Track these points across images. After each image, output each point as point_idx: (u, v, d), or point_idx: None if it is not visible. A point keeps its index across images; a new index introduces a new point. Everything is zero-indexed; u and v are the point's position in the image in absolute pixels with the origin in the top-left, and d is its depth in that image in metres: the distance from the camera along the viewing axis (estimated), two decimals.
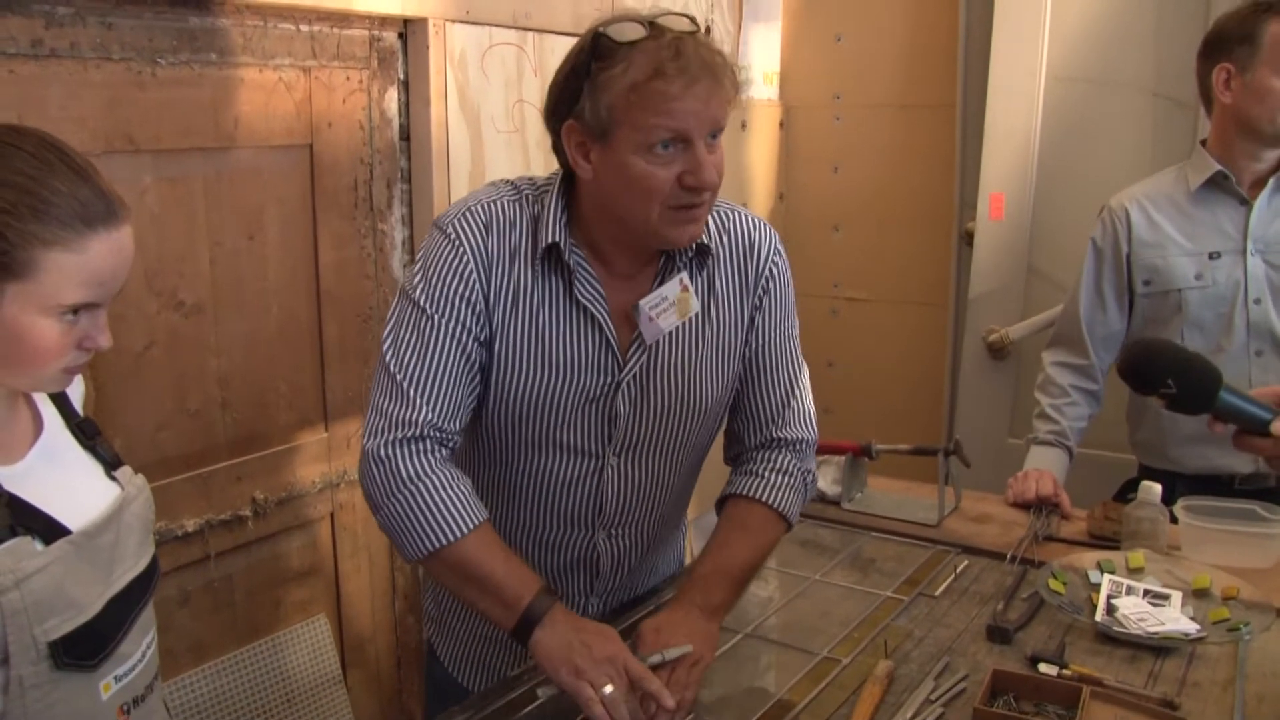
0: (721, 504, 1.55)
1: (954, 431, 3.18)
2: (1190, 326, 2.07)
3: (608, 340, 1.40)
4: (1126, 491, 2.15)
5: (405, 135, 2.36)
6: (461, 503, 1.33)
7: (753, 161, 3.53)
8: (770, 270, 1.50)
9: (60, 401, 1.22)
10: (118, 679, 1.14)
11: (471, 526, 1.33)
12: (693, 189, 1.28)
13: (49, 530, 1.09)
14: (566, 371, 1.39)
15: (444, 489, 1.33)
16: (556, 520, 1.49)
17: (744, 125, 3.44)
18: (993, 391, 3.12)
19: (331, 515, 2.30)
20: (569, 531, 1.50)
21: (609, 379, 1.41)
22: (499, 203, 1.39)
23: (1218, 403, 1.25)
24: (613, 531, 1.51)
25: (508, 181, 1.44)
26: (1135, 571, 1.65)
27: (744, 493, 1.51)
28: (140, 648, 1.18)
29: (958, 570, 1.75)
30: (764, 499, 1.50)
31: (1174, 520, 1.79)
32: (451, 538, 1.32)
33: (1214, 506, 1.79)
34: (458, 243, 1.36)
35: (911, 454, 2.02)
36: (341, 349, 2.28)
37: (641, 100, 1.24)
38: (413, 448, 1.34)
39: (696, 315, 1.44)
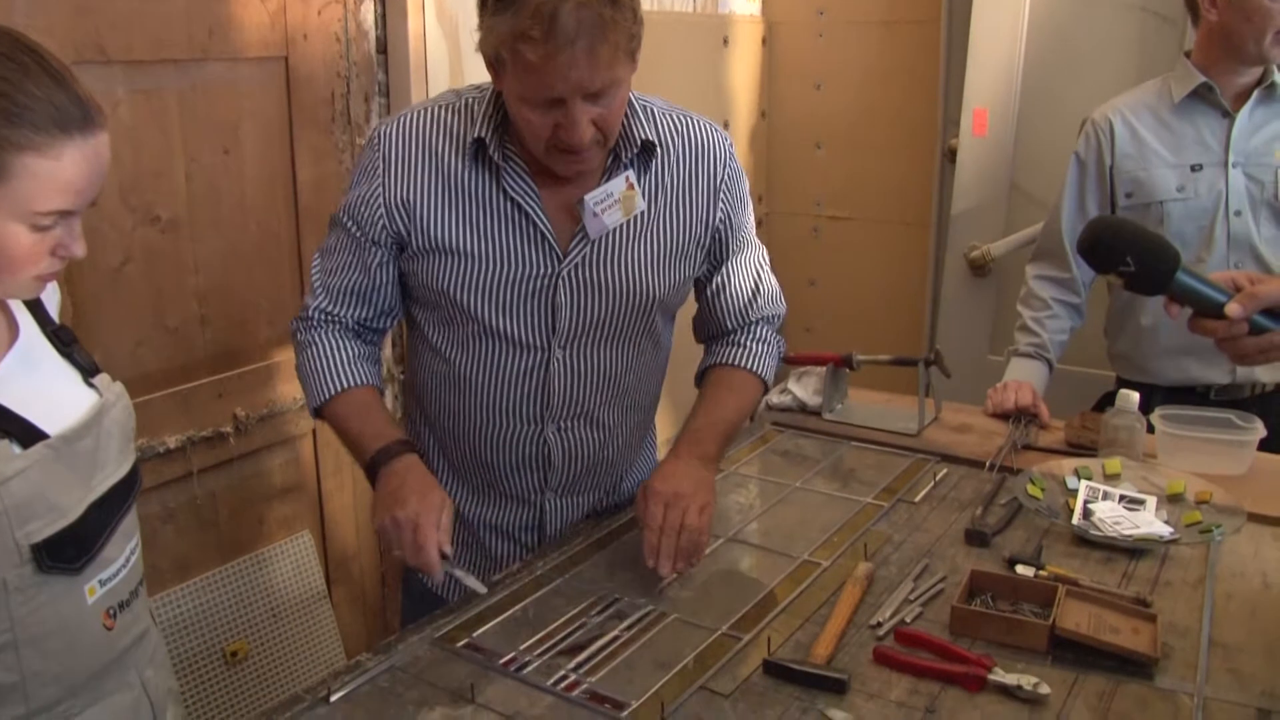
0: (704, 374, 1.64)
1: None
2: (1171, 239, 2.05)
3: (542, 232, 1.44)
4: (1104, 405, 2.16)
5: (382, 48, 2.31)
6: (337, 367, 1.48)
7: (734, 78, 3.48)
8: (727, 174, 1.54)
9: (35, 308, 1.20)
10: (102, 583, 1.14)
11: (342, 388, 1.48)
12: (566, 144, 1.32)
13: (26, 434, 1.08)
14: (499, 262, 1.44)
15: (323, 354, 1.50)
16: (506, 415, 1.54)
17: (726, 41, 3.38)
18: (974, 309, 3.13)
19: (314, 432, 2.30)
20: (518, 426, 1.54)
21: (548, 270, 1.45)
22: (431, 109, 1.46)
23: (1175, 283, 1.25)
24: (562, 425, 1.55)
25: (452, 90, 1.50)
26: (1112, 478, 1.68)
27: (728, 362, 1.61)
28: (124, 553, 1.18)
29: (937, 478, 1.77)
30: (747, 366, 1.61)
31: (1150, 430, 1.81)
32: (324, 396, 1.49)
33: (1190, 415, 1.81)
34: (375, 149, 1.46)
35: (892, 364, 2.02)
36: None
37: (514, 58, 1.27)
38: (315, 330, 1.53)
39: (643, 212, 1.48)
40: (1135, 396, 1.77)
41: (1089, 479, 1.66)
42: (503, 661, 1.25)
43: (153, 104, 1.91)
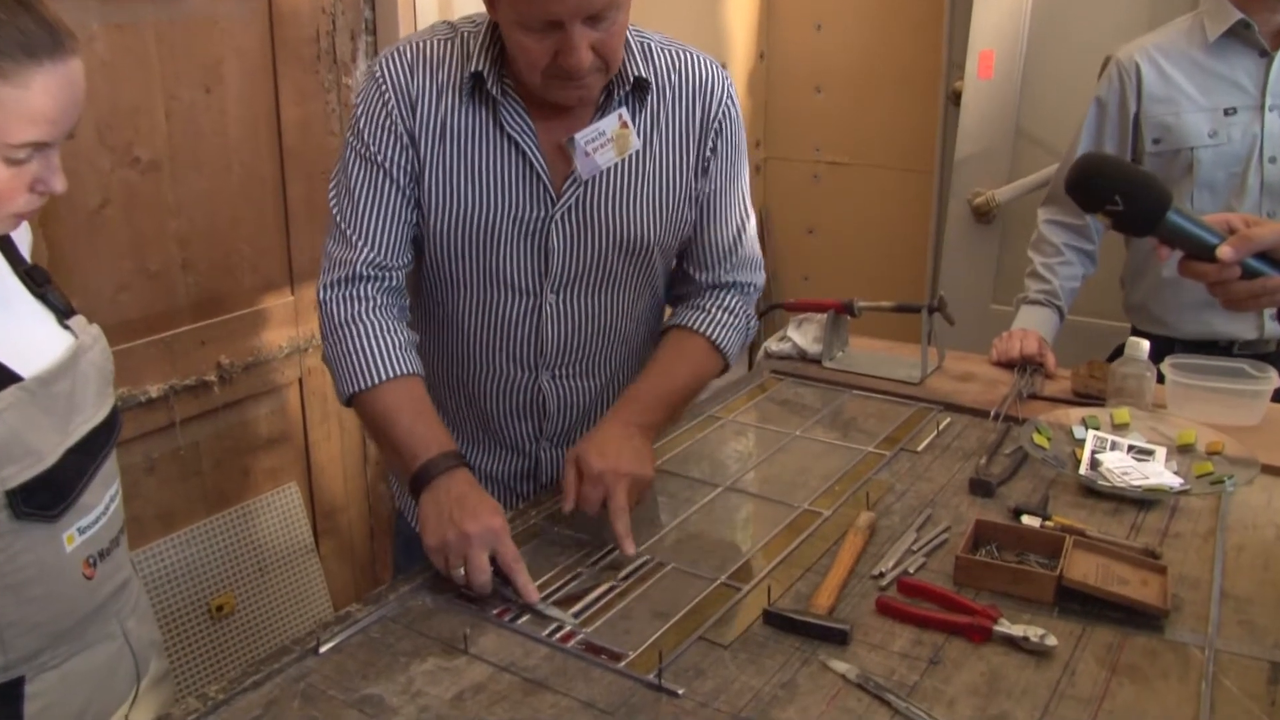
0: (663, 335, 1.56)
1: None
2: (1201, 187, 2.00)
3: (537, 173, 1.39)
4: (1116, 358, 2.12)
5: None
6: (386, 352, 1.36)
7: (731, 19, 3.40)
8: (724, 112, 1.48)
9: (6, 248, 1.16)
10: (81, 530, 1.11)
11: (390, 376, 1.35)
12: (565, 70, 1.27)
13: (0, 377, 1.03)
14: (495, 201, 1.39)
15: (372, 336, 1.37)
16: (500, 362, 1.50)
17: None
18: (977, 256, 3.08)
19: (300, 381, 2.26)
20: (513, 374, 1.50)
21: (541, 212, 1.41)
22: (430, 41, 1.40)
23: (1165, 224, 1.20)
24: (556, 373, 1.51)
25: (446, 22, 1.44)
26: (1120, 428, 1.64)
27: (688, 324, 1.52)
28: (103, 500, 1.15)
29: (940, 427, 1.73)
30: (707, 333, 1.51)
31: (1161, 379, 1.77)
32: (369, 383, 1.35)
33: (1201, 364, 1.77)
34: (381, 82, 1.38)
35: (894, 311, 1.98)
36: (307, 209, 2.20)
37: None
38: (352, 289, 1.39)
39: (638, 152, 1.42)
40: (1145, 345, 1.73)
41: (1097, 429, 1.62)
42: (496, 612, 1.22)
43: (129, 38, 1.84)
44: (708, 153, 1.48)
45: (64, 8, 1.68)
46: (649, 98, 1.42)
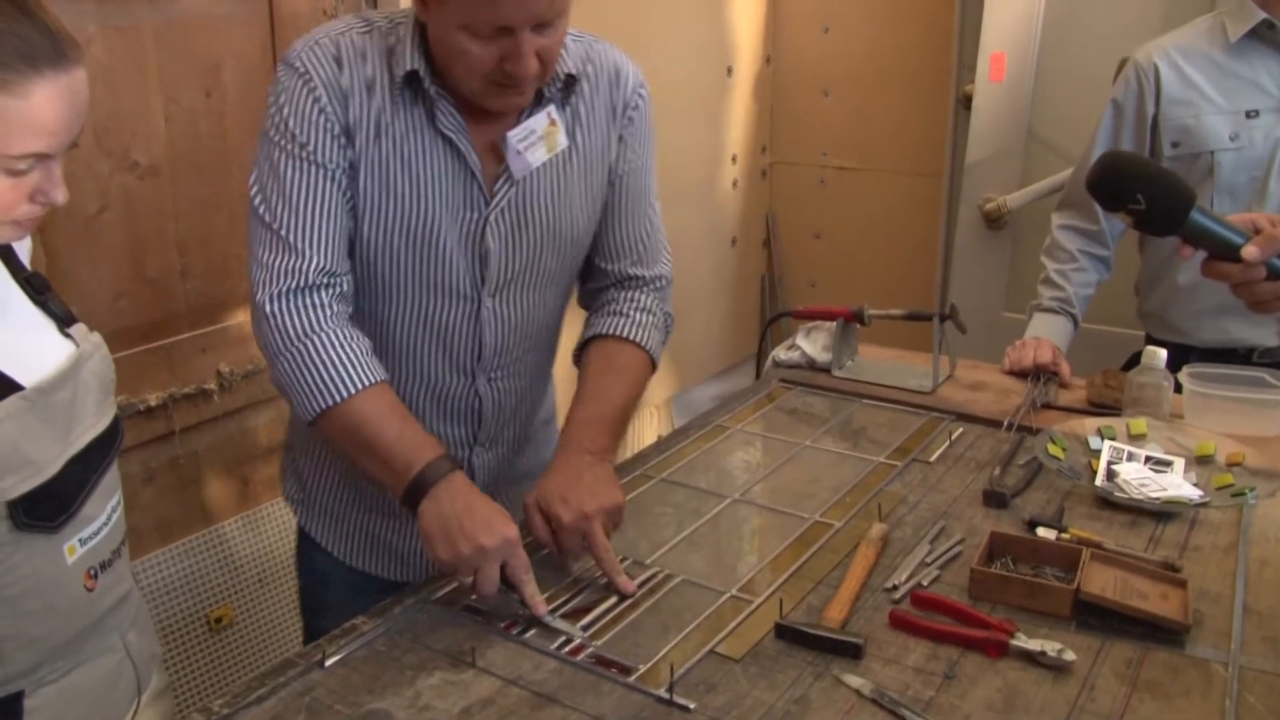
0: (584, 347, 1.51)
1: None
2: (1220, 191, 1.97)
3: (472, 172, 1.35)
4: (1131, 367, 2.09)
5: None
6: (354, 360, 1.28)
7: (737, 22, 3.39)
8: (636, 100, 1.46)
9: (6, 255, 1.15)
10: (82, 542, 1.10)
11: (364, 385, 1.28)
12: (510, 75, 1.24)
13: (0, 386, 1.02)
14: (432, 204, 1.34)
15: (336, 346, 1.28)
16: (439, 370, 1.45)
17: None
18: (988, 263, 3.06)
19: None
20: (451, 381, 1.46)
21: (476, 214, 1.37)
22: (347, 35, 1.32)
23: (1189, 223, 1.18)
24: (492, 376, 1.48)
25: (358, 15, 1.37)
26: (1137, 438, 1.61)
27: (611, 332, 1.48)
28: (105, 511, 1.13)
29: (952, 437, 1.71)
30: (632, 337, 1.47)
31: (1178, 389, 1.74)
32: (342, 395, 1.27)
33: (1220, 373, 1.74)
34: (308, 76, 1.29)
35: (905, 319, 1.95)
36: None
37: None
38: (304, 299, 1.30)
39: (565, 148, 1.40)
40: (1162, 353, 1.70)
41: (1113, 439, 1.60)
42: (504, 625, 1.20)
43: (128, 41, 1.83)
44: (616, 142, 1.46)
45: (63, 8, 1.66)
46: (573, 93, 1.40)
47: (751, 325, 3.76)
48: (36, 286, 1.15)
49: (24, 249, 1.18)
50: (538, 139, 1.35)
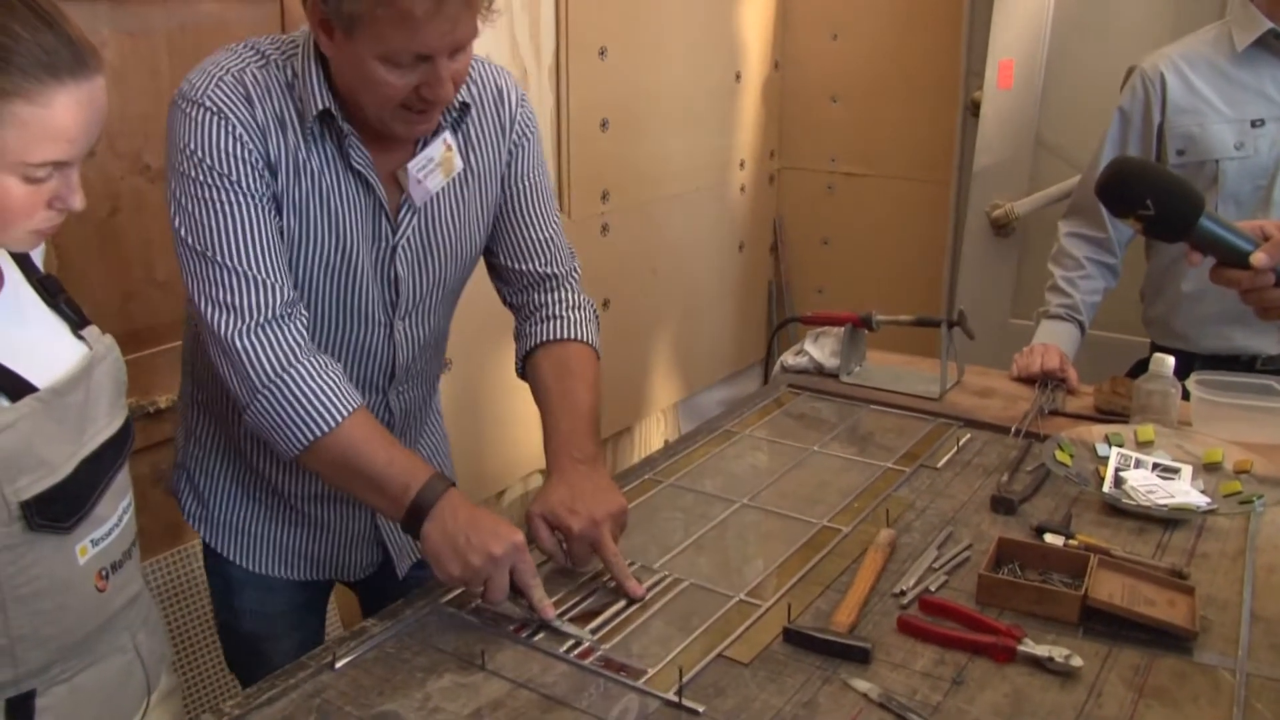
0: (529, 355, 1.52)
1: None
2: (1225, 199, 1.97)
3: (381, 203, 1.36)
4: (1137, 373, 2.09)
5: None
6: (334, 390, 1.28)
7: (746, 27, 3.39)
8: (523, 114, 1.48)
9: (20, 256, 1.15)
10: (94, 543, 1.10)
11: (346, 413, 1.27)
12: (427, 100, 1.24)
13: (14, 387, 1.03)
14: (349, 237, 1.35)
15: (314, 377, 1.27)
16: (359, 389, 1.45)
17: None
18: (995, 270, 3.05)
19: None
20: (368, 397, 1.47)
21: (385, 243, 1.38)
22: (248, 71, 1.29)
23: (1197, 229, 1.18)
24: (400, 389, 1.51)
25: (248, 45, 1.33)
26: (1144, 445, 1.62)
27: (555, 337, 1.50)
28: (116, 512, 1.14)
29: (960, 443, 1.71)
30: (576, 336, 1.50)
31: (1186, 396, 1.74)
32: (328, 427, 1.26)
33: (1227, 381, 1.74)
34: (223, 114, 1.26)
35: (913, 325, 1.96)
36: None
37: (388, 15, 1.16)
38: (274, 333, 1.28)
39: (461, 171, 1.42)
40: (1170, 361, 1.70)
41: (1120, 446, 1.60)
42: (513, 628, 1.21)
43: (140, 45, 1.83)
44: (506, 156, 1.48)
45: (76, 12, 1.67)
46: (467, 116, 1.42)
47: (758, 330, 3.77)
48: (50, 288, 1.15)
49: (37, 251, 1.19)
50: (435, 166, 1.37)
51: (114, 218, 1.85)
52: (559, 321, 1.50)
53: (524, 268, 1.53)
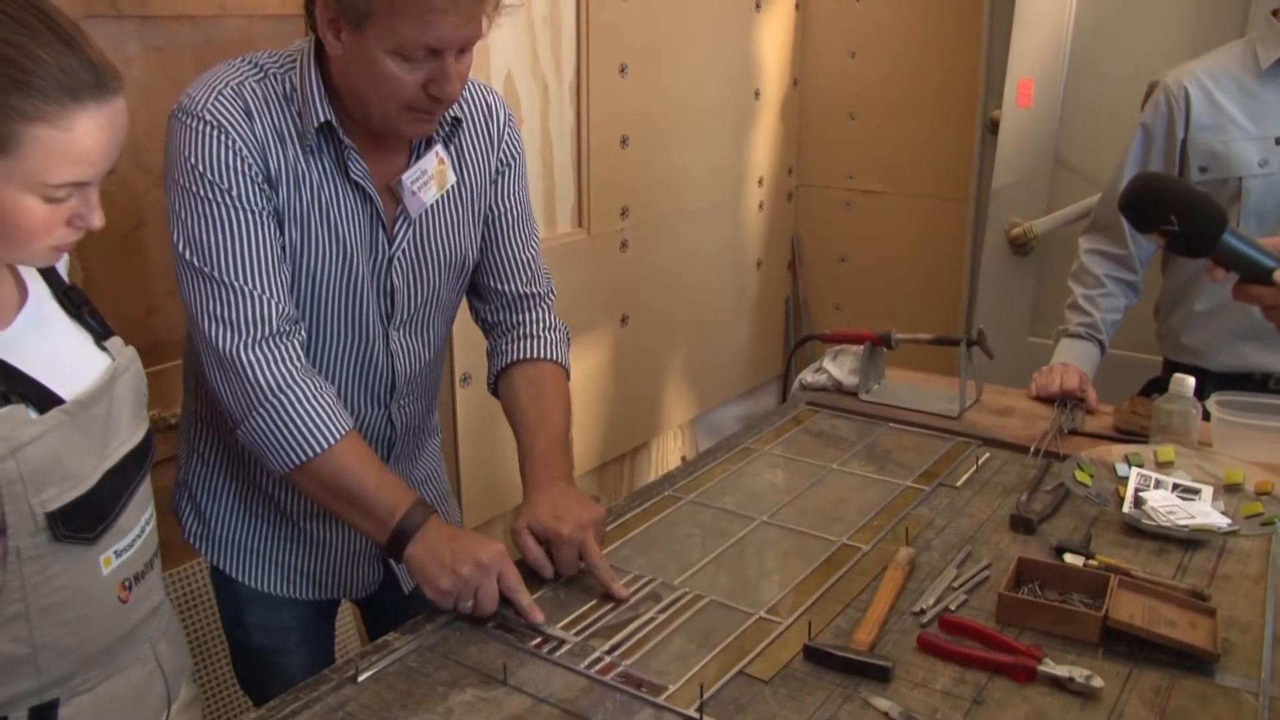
0: (505, 374, 1.56)
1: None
2: (1248, 216, 1.96)
3: (378, 214, 1.39)
4: (1151, 390, 2.08)
5: None
6: (327, 413, 1.30)
7: (765, 45, 3.40)
8: (509, 133, 1.52)
9: (44, 269, 1.16)
10: (118, 554, 1.11)
11: (338, 437, 1.30)
12: (434, 98, 1.27)
13: (42, 399, 1.04)
14: (349, 248, 1.37)
15: (310, 399, 1.30)
16: (360, 402, 1.49)
17: (758, 5, 3.30)
18: (1014, 288, 3.04)
19: None
20: (368, 411, 1.50)
21: (382, 254, 1.41)
22: (246, 84, 1.31)
23: (1221, 245, 1.18)
24: (401, 403, 1.53)
25: (246, 59, 1.35)
26: (1164, 465, 1.61)
27: (528, 356, 1.54)
28: (139, 523, 1.15)
29: (979, 462, 1.71)
30: (550, 356, 1.55)
31: (1205, 416, 1.73)
32: (320, 448, 1.29)
33: (1248, 402, 1.73)
34: (223, 128, 1.27)
35: (932, 343, 1.96)
36: None
37: (405, 6, 1.18)
38: (272, 350, 1.29)
39: (454, 184, 1.45)
40: (1191, 381, 1.69)
41: (1140, 466, 1.59)
42: (534, 643, 1.21)
43: (167, 61, 1.85)
44: (494, 172, 1.51)
45: (105, 30, 1.71)
46: (458, 132, 1.45)
47: (775, 347, 3.76)
48: (74, 300, 1.17)
49: (62, 264, 1.20)
50: (429, 178, 1.40)
51: (138, 231, 1.87)
52: (534, 341, 1.55)
53: (503, 287, 1.56)
